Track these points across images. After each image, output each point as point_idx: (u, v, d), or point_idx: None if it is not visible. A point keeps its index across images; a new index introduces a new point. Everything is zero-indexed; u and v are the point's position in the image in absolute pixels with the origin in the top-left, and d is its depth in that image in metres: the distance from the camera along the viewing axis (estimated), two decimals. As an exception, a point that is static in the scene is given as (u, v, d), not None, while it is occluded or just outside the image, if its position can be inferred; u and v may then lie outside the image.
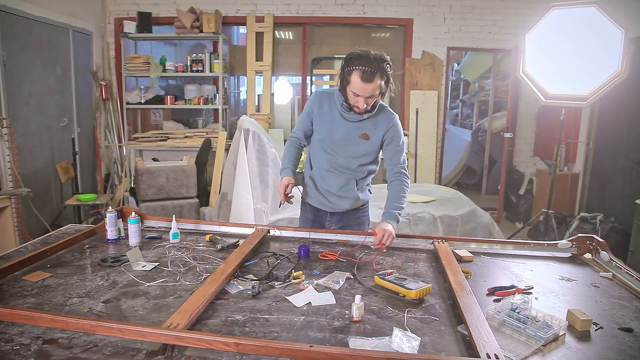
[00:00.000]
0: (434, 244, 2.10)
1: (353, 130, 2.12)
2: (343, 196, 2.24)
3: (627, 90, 3.94)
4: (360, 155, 2.17)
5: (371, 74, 1.89)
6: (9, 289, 1.57)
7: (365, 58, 1.91)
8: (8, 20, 3.99)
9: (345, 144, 2.15)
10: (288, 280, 1.68)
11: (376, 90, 1.95)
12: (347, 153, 2.17)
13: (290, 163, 2.26)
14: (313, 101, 2.21)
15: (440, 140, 5.86)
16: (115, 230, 2.09)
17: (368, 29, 5.91)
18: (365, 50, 1.96)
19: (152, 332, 1.21)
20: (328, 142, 2.18)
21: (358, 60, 1.91)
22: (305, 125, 2.27)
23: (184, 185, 4.46)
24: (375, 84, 1.92)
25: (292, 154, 2.29)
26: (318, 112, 2.18)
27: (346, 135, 2.13)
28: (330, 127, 2.15)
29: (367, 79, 1.90)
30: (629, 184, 4.40)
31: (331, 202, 2.27)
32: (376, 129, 2.13)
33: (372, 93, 1.95)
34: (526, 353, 1.25)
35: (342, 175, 2.21)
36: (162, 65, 5.57)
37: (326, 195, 2.25)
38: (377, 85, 1.93)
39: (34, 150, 4.38)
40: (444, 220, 3.78)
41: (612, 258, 1.94)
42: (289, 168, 2.23)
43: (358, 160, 2.18)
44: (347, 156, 2.17)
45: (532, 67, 3.99)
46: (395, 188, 2.18)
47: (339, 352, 1.14)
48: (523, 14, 5.40)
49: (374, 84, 1.92)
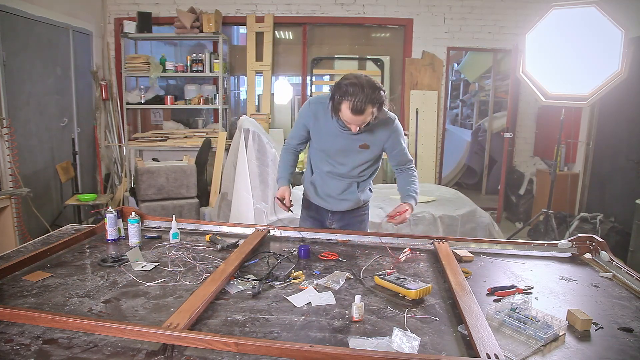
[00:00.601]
0: (434, 244, 2.10)
1: (352, 142, 2.10)
2: (345, 199, 2.25)
3: (627, 90, 3.94)
4: (361, 164, 2.17)
5: (361, 105, 1.83)
6: (9, 289, 1.57)
7: (356, 87, 1.83)
8: (8, 20, 3.99)
9: (346, 156, 2.14)
10: (288, 280, 1.68)
11: (368, 118, 1.90)
12: (348, 163, 2.16)
13: (286, 172, 2.25)
14: (307, 112, 2.16)
15: (440, 140, 5.86)
16: (115, 230, 2.09)
17: (368, 29, 5.91)
18: (356, 77, 1.88)
19: (152, 332, 1.21)
20: (327, 153, 2.17)
21: (348, 90, 1.84)
22: (301, 136, 2.24)
23: (184, 185, 4.46)
24: (366, 114, 1.87)
25: (288, 160, 2.29)
26: (314, 124, 2.15)
27: (345, 147, 2.12)
28: (329, 140, 2.13)
29: (357, 111, 1.85)
30: (629, 184, 4.40)
31: (332, 204, 2.28)
32: (376, 138, 2.11)
33: (363, 122, 1.92)
34: (526, 353, 1.25)
35: (344, 181, 2.22)
36: (162, 65, 5.57)
37: (327, 199, 2.27)
38: (369, 113, 1.88)
39: (34, 150, 4.38)
40: (444, 220, 3.78)
41: (612, 258, 1.94)
42: (284, 177, 2.24)
43: (359, 167, 2.19)
44: (348, 165, 2.17)
45: (532, 67, 3.98)
46: (404, 176, 2.23)
47: (339, 352, 1.14)
48: (523, 14, 5.40)
49: (364, 115, 1.87)
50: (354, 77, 1.88)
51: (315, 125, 2.15)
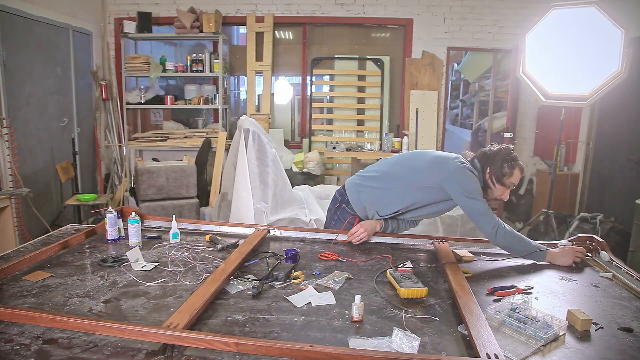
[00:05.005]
0: (434, 244, 2.10)
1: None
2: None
3: (627, 90, 3.94)
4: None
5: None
6: (9, 289, 1.57)
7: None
8: (8, 20, 3.99)
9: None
10: (288, 280, 1.68)
11: None
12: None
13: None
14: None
15: (440, 140, 5.86)
16: (115, 230, 2.09)
17: (368, 29, 5.91)
18: (498, 145, 2.13)
19: (152, 332, 1.21)
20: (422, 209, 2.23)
21: (515, 155, 2.07)
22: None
23: (184, 185, 4.46)
24: None
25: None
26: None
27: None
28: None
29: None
30: (629, 184, 4.40)
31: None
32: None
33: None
34: (526, 353, 1.25)
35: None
36: (162, 65, 5.57)
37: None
38: None
39: (34, 150, 4.38)
40: (444, 220, 3.78)
41: (612, 258, 1.94)
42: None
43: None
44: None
45: (532, 67, 3.98)
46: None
47: (339, 352, 1.14)
48: (523, 14, 5.40)
49: None
50: (502, 145, 2.12)
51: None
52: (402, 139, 5.50)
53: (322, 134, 6.07)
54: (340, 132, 6.06)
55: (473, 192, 1.99)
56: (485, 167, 2.08)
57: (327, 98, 6.13)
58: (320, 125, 6.09)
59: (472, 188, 2.00)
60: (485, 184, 2.08)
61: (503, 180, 2.05)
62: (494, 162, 2.05)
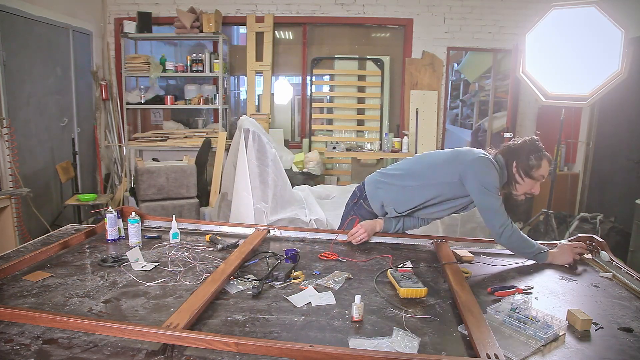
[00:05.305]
0: (434, 244, 2.10)
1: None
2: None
3: (627, 90, 3.93)
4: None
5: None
6: (9, 289, 1.57)
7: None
8: (8, 20, 3.99)
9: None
10: (288, 280, 1.68)
11: None
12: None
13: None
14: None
15: (440, 140, 5.86)
16: (115, 230, 2.09)
17: (368, 29, 5.90)
18: (523, 138, 2.11)
19: (152, 332, 1.21)
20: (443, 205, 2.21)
21: (542, 147, 2.04)
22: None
23: (184, 185, 4.46)
24: None
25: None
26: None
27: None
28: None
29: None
30: (629, 184, 4.40)
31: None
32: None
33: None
34: (526, 353, 1.25)
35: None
36: (162, 65, 5.57)
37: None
38: None
39: (34, 150, 4.38)
40: (444, 220, 3.77)
41: (612, 258, 1.94)
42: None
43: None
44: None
45: (532, 67, 3.98)
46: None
47: (339, 352, 1.14)
48: (523, 14, 5.40)
49: None
50: (528, 138, 2.09)
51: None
52: (402, 139, 5.50)
53: (322, 134, 6.07)
54: (340, 132, 6.06)
55: (489, 186, 1.97)
56: (510, 161, 2.05)
57: (327, 98, 6.13)
58: (320, 125, 6.09)
59: (489, 181, 1.98)
60: (512, 178, 2.05)
61: (531, 173, 2.01)
62: (520, 155, 2.02)
